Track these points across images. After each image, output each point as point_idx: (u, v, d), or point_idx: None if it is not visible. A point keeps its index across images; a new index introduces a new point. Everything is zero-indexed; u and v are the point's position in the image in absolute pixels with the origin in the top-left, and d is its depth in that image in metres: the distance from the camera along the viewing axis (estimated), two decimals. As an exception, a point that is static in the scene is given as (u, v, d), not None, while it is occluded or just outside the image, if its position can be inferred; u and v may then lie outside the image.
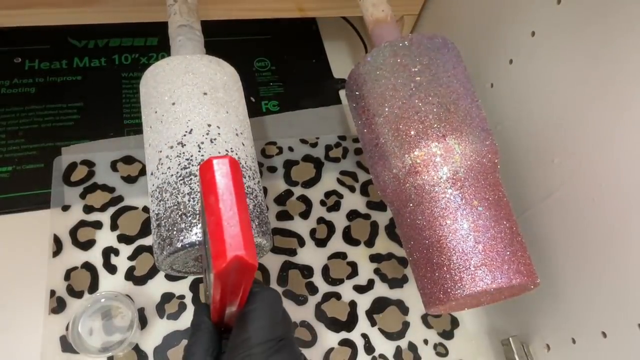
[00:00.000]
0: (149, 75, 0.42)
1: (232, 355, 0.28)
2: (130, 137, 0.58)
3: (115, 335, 0.45)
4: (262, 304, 0.28)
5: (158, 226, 0.37)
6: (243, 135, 0.41)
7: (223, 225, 0.21)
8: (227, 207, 0.22)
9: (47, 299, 0.47)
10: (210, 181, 0.23)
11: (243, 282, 0.25)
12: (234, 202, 0.22)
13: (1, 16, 0.52)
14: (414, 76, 0.39)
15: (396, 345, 0.50)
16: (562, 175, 0.41)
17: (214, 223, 0.22)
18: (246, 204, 0.23)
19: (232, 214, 0.22)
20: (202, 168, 0.23)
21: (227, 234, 0.21)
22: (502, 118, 0.47)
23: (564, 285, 0.42)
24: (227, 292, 0.26)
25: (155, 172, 0.38)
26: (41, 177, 0.54)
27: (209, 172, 0.23)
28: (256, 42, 0.71)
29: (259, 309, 0.28)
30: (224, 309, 0.28)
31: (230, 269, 0.21)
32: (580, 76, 0.38)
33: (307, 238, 0.55)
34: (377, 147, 0.41)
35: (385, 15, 0.45)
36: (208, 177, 0.23)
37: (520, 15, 0.44)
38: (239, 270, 0.22)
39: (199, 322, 0.30)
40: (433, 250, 0.37)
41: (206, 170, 0.23)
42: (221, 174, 0.23)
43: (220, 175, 0.23)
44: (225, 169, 0.23)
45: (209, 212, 0.22)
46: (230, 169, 0.23)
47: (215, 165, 0.23)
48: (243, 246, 0.21)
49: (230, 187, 0.22)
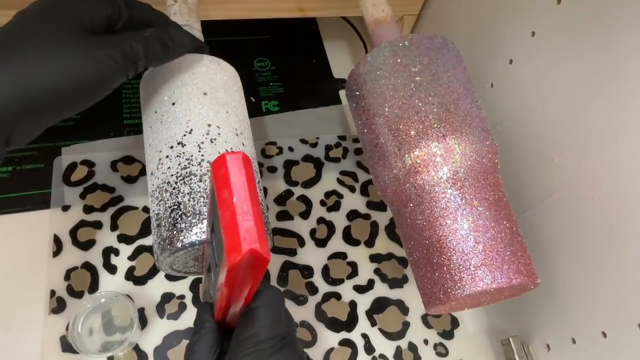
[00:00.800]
0: (149, 76, 0.42)
1: (236, 352, 0.28)
2: (130, 137, 0.58)
3: (115, 335, 0.45)
4: (266, 301, 0.29)
5: (158, 226, 0.37)
6: (243, 135, 0.41)
7: (237, 219, 0.22)
8: (241, 201, 0.22)
9: (47, 299, 0.47)
10: (224, 176, 0.23)
11: (253, 277, 0.25)
12: (247, 197, 0.22)
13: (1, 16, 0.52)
14: (414, 76, 0.39)
15: (396, 345, 0.50)
16: (562, 175, 0.41)
17: (228, 217, 0.22)
18: (258, 199, 0.23)
19: (246, 208, 0.22)
20: (214, 164, 0.24)
21: (242, 227, 0.21)
22: (502, 118, 0.47)
23: (564, 285, 0.42)
24: (236, 288, 0.26)
25: (155, 172, 0.38)
26: (41, 177, 0.53)
27: (223, 168, 0.23)
28: (256, 42, 0.71)
29: (264, 307, 0.28)
30: (229, 308, 0.29)
31: (244, 262, 0.22)
32: (580, 76, 0.38)
33: (307, 238, 0.55)
34: (377, 147, 0.41)
35: (385, 15, 0.45)
36: (222, 172, 0.23)
37: (520, 15, 0.44)
38: (252, 264, 0.22)
39: (202, 320, 0.30)
40: (433, 250, 0.37)
41: (219, 165, 0.23)
42: (234, 169, 0.23)
43: (234, 170, 0.23)
44: (239, 164, 0.23)
45: (223, 207, 0.22)
46: (243, 164, 0.23)
47: (229, 160, 0.23)
48: (257, 239, 0.21)
49: (244, 182, 0.23)
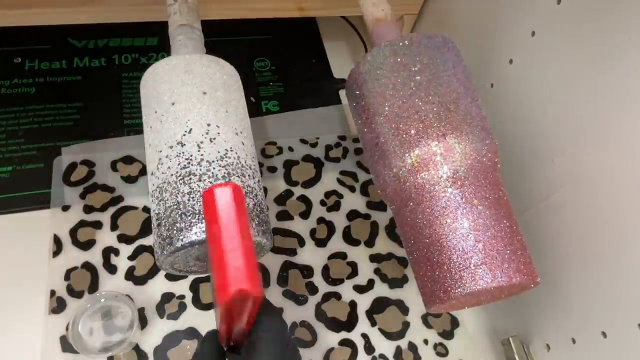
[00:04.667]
0: (149, 75, 0.42)
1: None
2: (130, 137, 0.58)
3: (115, 335, 0.45)
4: (268, 333, 0.28)
5: (158, 226, 0.37)
6: (243, 135, 0.41)
7: (226, 257, 0.21)
8: (229, 238, 0.22)
9: (47, 299, 0.47)
10: (213, 211, 0.22)
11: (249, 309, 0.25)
12: (237, 233, 0.22)
13: (1, 16, 0.52)
14: (414, 75, 0.39)
15: (396, 345, 0.50)
16: (562, 175, 0.41)
17: (217, 255, 0.22)
18: (249, 232, 0.23)
19: (235, 245, 0.22)
20: (204, 197, 0.23)
21: (231, 266, 0.21)
22: (502, 118, 0.47)
23: (564, 285, 0.42)
24: (234, 318, 0.26)
25: (155, 172, 0.38)
26: (41, 177, 0.54)
27: (211, 202, 0.23)
28: (256, 42, 0.71)
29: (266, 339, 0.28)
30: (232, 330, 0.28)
31: (233, 301, 0.21)
32: (580, 76, 0.38)
33: (307, 238, 0.55)
34: (377, 147, 0.41)
35: (385, 14, 0.45)
36: (210, 207, 0.23)
37: (520, 15, 0.44)
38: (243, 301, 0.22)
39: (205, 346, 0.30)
40: (433, 249, 0.37)
41: (208, 199, 0.23)
42: (223, 203, 0.22)
43: (222, 204, 0.22)
44: (227, 198, 0.23)
45: (212, 242, 0.22)
46: (232, 198, 0.23)
47: (217, 193, 0.23)
48: (247, 279, 0.21)
49: (232, 217, 0.22)
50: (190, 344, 0.47)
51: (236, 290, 0.21)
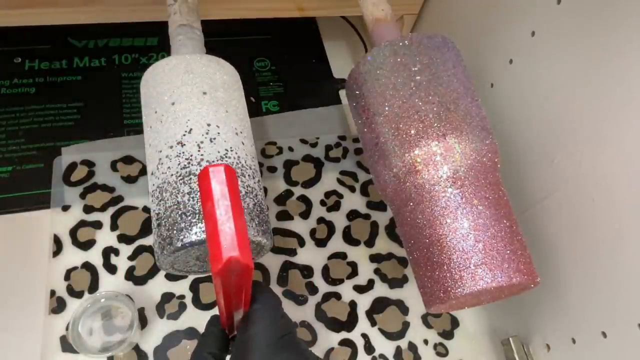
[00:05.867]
0: (149, 75, 0.42)
1: (237, 354, 0.29)
2: (130, 137, 0.58)
3: (115, 335, 0.45)
4: (262, 304, 0.30)
5: (158, 226, 0.37)
6: (243, 135, 0.41)
7: (219, 229, 0.23)
8: (222, 212, 0.23)
9: (47, 299, 0.47)
10: (207, 188, 0.24)
11: (242, 283, 0.26)
12: (229, 207, 0.23)
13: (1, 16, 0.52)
14: (414, 75, 0.39)
15: (396, 345, 0.50)
16: (562, 175, 0.41)
17: (210, 228, 0.23)
18: (242, 209, 0.24)
19: (227, 218, 0.23)
20: (199, 176, 0.25)
21: (223, 237, 0.22)
22: (502, 118, 0.47)
23: (564, 285, 0.42)
24: (230, 294, 0.27)
25: (155, 172, 0.38)
26: (41, 177, 0.54)
27: (206, 180, 0.24)
28: (256, 42, 0.71)
29: (260, 309, 0.30)
30: (231, 314, 0.30)
31: (226, 270, 0.23)
32: (580, 76, 0.38)
33: (307, 238, 0.55)
34: (377, 147, 0.41)
35: (385, 14, 0.45)
36: (205, 184, 0.24)
37: (520, 15, 0.44)
38: (236, 271, 0.23)
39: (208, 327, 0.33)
40: (433, 249, 0.37)
41: (203, 178, 0.24)
42: (217, 181, 0.24)
43: (216, 182, 0.24)
44: (221, 177, 0.24)
45: (207, 218, 0.23)
46: (225, 176, 0.24)
47: (211, 173, 0.24)
48: (238, 248, 0.22)
49: (225, 194, 0.24)
50: (190, 344, 0.47)
51: (227, 257, 0.22)
